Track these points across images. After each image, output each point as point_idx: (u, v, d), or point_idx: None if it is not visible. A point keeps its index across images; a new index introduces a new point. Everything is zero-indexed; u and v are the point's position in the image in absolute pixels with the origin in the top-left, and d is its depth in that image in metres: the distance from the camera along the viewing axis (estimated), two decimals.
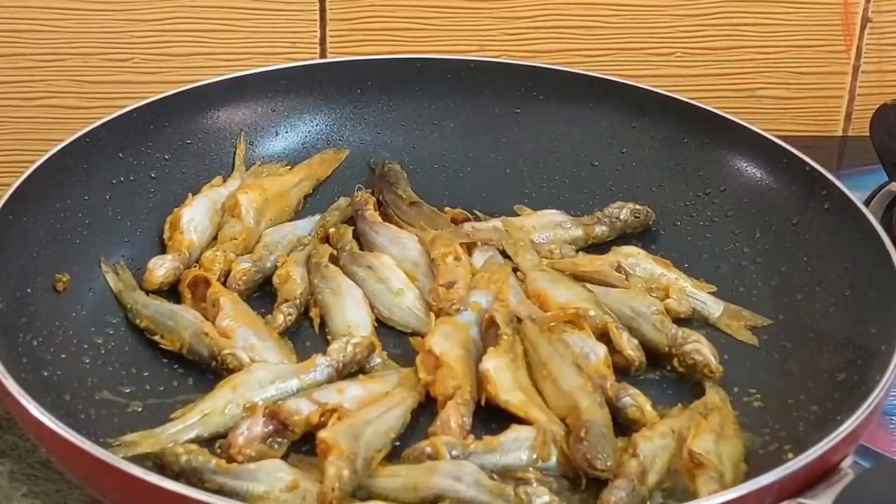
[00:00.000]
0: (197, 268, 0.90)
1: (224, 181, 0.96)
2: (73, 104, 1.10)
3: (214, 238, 0.92)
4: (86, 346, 0.83)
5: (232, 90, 0.99)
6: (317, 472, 0.72)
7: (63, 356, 0.81)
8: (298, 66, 1.03)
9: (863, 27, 1.16)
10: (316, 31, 1.11)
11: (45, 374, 0.79)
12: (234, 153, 0.98)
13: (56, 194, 0.88)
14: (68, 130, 0.91)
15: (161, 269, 0.88)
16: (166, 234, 0.92)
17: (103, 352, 0.84)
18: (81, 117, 1.08)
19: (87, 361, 0.83)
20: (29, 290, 0.83)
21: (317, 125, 1.01)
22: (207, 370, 0.82)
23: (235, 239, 0.91)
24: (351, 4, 1.10)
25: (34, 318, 0.82)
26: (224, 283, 0.88)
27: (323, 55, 1.12)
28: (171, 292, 0.89)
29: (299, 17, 1.10)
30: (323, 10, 1.10)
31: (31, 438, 0.77)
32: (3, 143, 1.11)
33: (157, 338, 0.85)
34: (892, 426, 0.85)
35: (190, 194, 0.94)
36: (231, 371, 0.81)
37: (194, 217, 0.92)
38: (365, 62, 1.03)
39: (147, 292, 0.88)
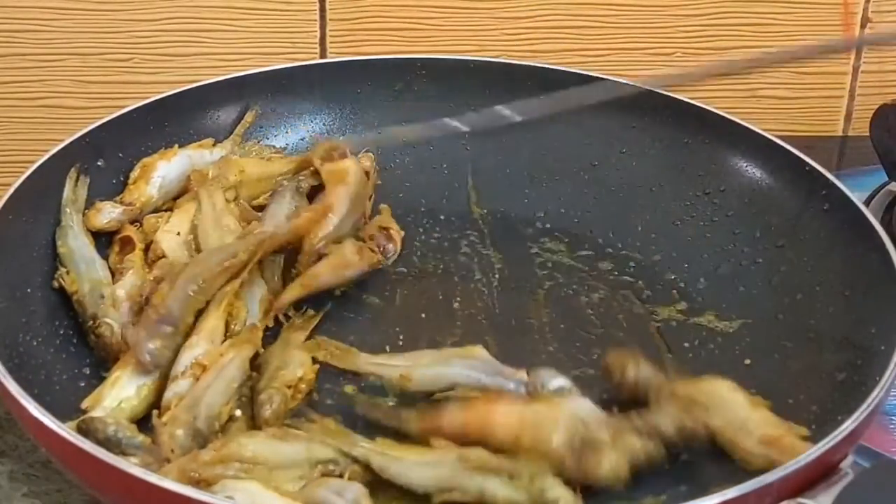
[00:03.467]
0: (139, 226, 0.90)
1: (214, 145, 0.96)
2: (73, 104, 1.10)
3: (175, 198, 0.92)
4: (86, 347, 0.83)
5: (232, 90, 0.99)
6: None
7: (63, 356, 0.81)
8: (298, 66, 1.03)
9: (863, 27, 1.16)
10: (316, 31, 1.11)
11: (45, 374, 0.79)
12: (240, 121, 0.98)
13: (56, 194, 0.88)
14: (68, 130, 0.91)
15: (105, 215, 0.88)
16: (133, 175, 0.91)
17: None
18: (81, 117, 1.08)
19: (88, 361, 0.83)
20: (29, 290, 0.83)
21: (317, 125, 1.01)
22: None
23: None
24: (351, 4, 1.10)
25: (34, 318, 0.82)
26: None
27: (323, 55, 1.12)
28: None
29: (299, 17, 1.10)
30: (323, 10, 1.10)
31: (31, 438, 0.77)
32: (3, 143, 1.11)
33: (61, 270, 0.85)
34: (892, 426, 0.85)
35: (176, 146, 0.94)
36: (99, 339, 0.81)
37: (167, 175, 0.92)
38: (365, 62, 1.03)
39: None
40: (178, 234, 0.89)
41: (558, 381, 0.78)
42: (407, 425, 0.76)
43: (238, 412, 0.77)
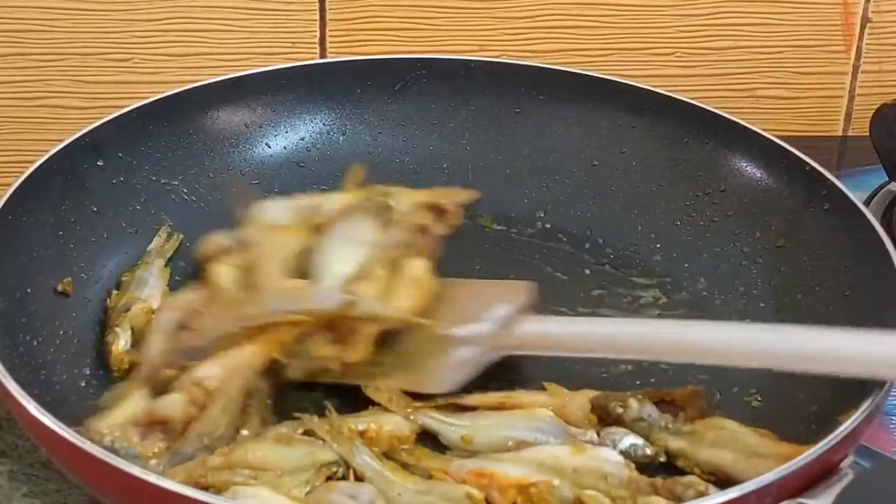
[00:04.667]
0: None
1: None
2: (73, 104, 1.10)
3: None
4: (86, 347, 0.83)
5: (232, 90, 0.99)
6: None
7: (63, 356, 0.81)
8: (298, 66, 1.03)
9: (863, 27, 1.16)
10: (316, 31, 1.11)
11: (45, 374, 0.79)
12: None
13: (56, 194, 0.88)
14: (68, 130, 0.91)
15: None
16: None
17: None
18: (81, 117, 1.08)
19: (88, 362, 0.83)
20: (29, 290, 0.83)
21: (317, 125, 1.01)
22: None
23: None
24: (351, 4, 1.10)
25: (34, 318, 0.82)
26: None
27: (323, 55, 1.12)
28: None
29: (299, 17, 1.10)
30: (323, 10, 1.10)
31: (31, 438, 0.77)
32: (3, 143, 1.11)
33: (114, 292, 0.87)
34: (892, 426, 0.85)
35: None
36: (103, 346, 0.82)
37: None
38: (365, 62, 1.03)
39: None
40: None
41: (630, 439, 0.76)
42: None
43: (245, 431, 0.77)
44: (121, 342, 0.83)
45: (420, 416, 0.78)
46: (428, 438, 0.78)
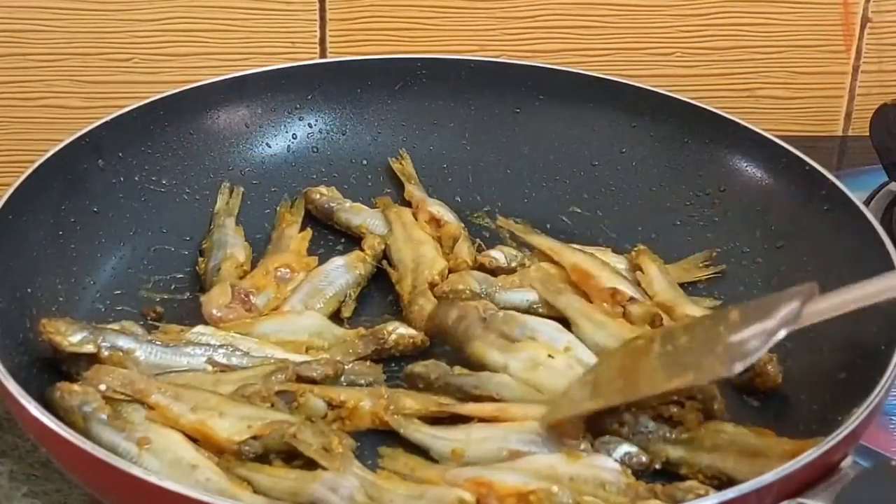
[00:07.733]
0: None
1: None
2: (73, 104, 1.10)
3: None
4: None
5: (232, 90, 0.99)
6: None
7: (63, 356, 0.81)
8: (298, 66, 1.03)
9: (863, 27, 1.16)
10: (316, 31, 1.11)
11: (45, 374, 0.79)
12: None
13: (56, 194, 0.88)
14: (68, 130, 0.91)
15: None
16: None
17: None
18: (81, 117, 1.08)
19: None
20: (29, 290, 0.83)
21: (317, 125, 1.01)
22: None
23: None
24: (351, 4, 1.10)
25: (34, 318, 0.82)
26: None
27: (323, 55, 1.12)
28: None
29: (299, 17, 1.10)
30: (323, 10, 1.10)
31: (31, 438, 0.77)
32: (3, 143, 1.11)
33: (199, 260, 0.91)
34: (892, 426, 0.85)
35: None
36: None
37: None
38: (365, 62, 1.03)
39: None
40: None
41: (624, 447, 0.75)
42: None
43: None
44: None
45: (410, 431, 0.77)
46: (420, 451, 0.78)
